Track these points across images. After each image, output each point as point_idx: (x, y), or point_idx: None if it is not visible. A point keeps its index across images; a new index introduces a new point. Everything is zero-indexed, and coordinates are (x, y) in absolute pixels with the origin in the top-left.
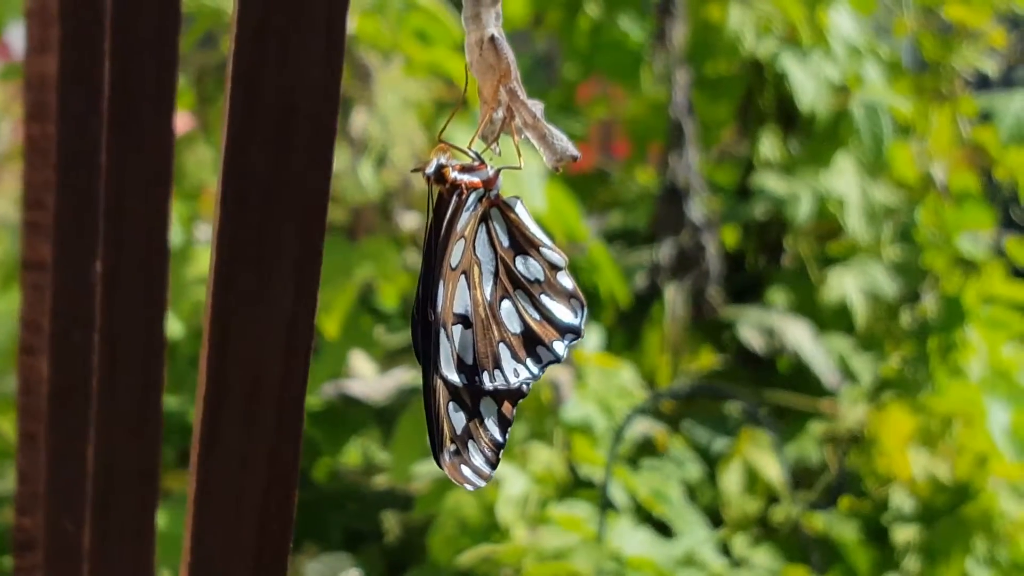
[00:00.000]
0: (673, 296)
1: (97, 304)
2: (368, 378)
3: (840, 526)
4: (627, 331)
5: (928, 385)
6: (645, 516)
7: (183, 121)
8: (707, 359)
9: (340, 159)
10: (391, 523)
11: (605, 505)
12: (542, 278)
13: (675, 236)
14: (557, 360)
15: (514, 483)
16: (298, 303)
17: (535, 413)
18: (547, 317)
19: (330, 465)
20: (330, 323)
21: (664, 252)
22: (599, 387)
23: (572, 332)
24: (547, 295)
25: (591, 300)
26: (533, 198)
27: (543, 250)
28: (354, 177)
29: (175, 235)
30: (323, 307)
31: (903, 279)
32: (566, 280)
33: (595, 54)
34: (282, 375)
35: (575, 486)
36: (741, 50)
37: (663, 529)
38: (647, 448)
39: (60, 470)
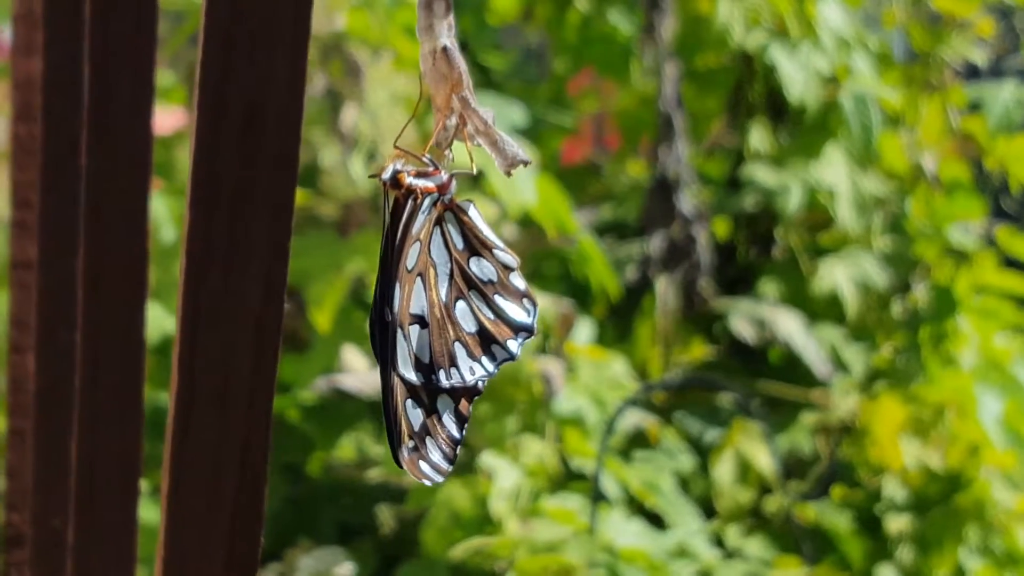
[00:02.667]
0: (664, 288)
1: (79, 303)
2: (361, 372)
3: (832, 516)
4: (618, 324)
5: (920, 375)
6: (637, 508)
7: (175, 117)
8: (698, 351)
9: (330, 154)
10: (385, 517)
11: (597, 497)
12: (495, 279)
13: (666, 228)
14: (512, 358)
15: (506, 476)
16: (266, 302)
17: (527, 406)
18: (501, 316)
19: (324, 459)
20: (322, 318)
21: (655, 244)
22: (591, 380)
23: (525, 331)
24: (500, 295)
25: (582, 292)
26: (524, 192)
27: (496, 252)
28: (344, 172)
29: (167, 232)
30: (315, 302)
31: (894, 269)
32: (518, 280)
33: (585, 48)
34: (251, 372)
35: (567, 479)
36: (730, 42)
37: (655, 521)
38: (639, 440)
39: (47, 467)
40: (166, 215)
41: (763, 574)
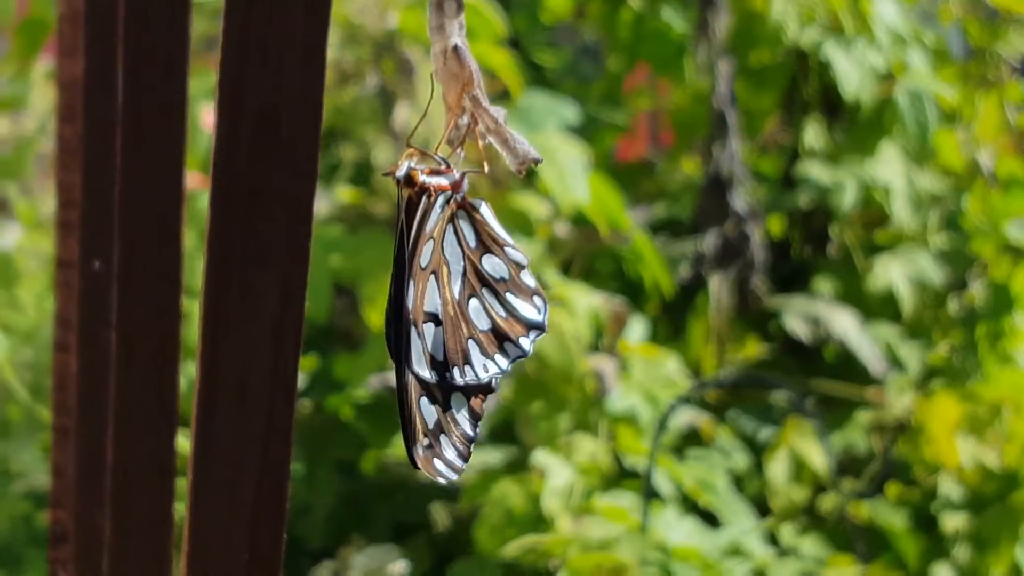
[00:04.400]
0: (718, 286)
1: (114, 302)
2: None
3: (887, 515)
4: (672, 322)
5: (976, 373)
6: (691, 506)
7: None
8: (752, 349)
9: (383, 153)
10: (438, 515)
11: (649, 495)
12: (507, 276)
13: (720, 226)
14: (524, 355)
15: (559, 474)
16: (285, 303)
17: (580, 404)
18: (513, 314)
19: (377, 457)
20: (375, 316)
21: (709, 242)
22: (644, 378)
23: (536, 328)
24: (512, 292)
25: (636, 291)
26: (577, 190)
27: (508, 250)
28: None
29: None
30: (367, 300)
31: (950, 267)
32: (529, 278)
33: (638, 45)
34: (271, 373)
35: (620, 477)
36: (784, 39)
37: (709, 519)
38: (693, 438)
39: (89, 465)
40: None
41: (817, 573)
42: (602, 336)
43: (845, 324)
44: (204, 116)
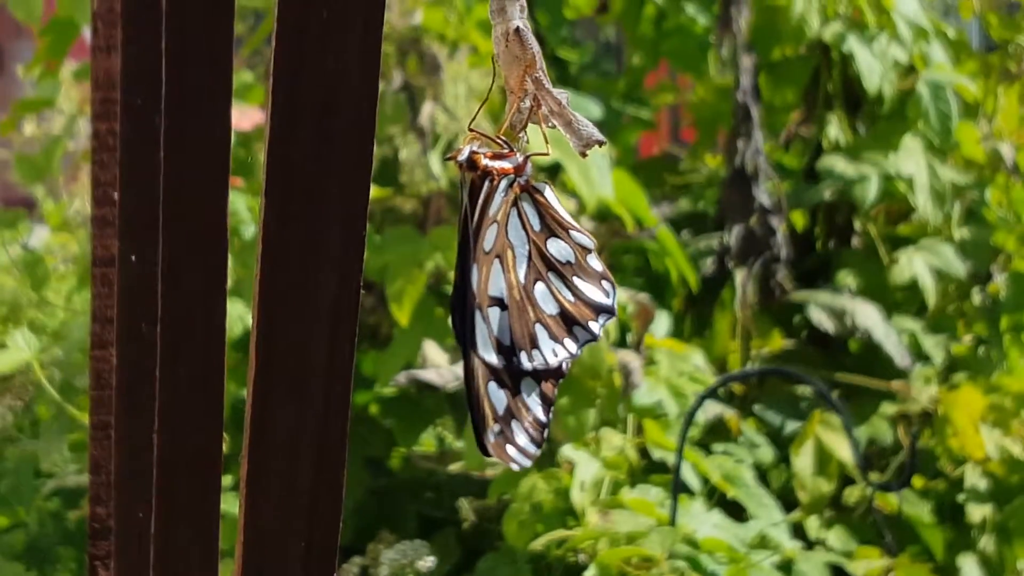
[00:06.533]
0: (743, 280)
1: (159, 297)
2: (441, 366)
3: (914, 506)
4: (697, 316)
5: (1001, 364)
6: (719, 499)
7: (254, 116)
8: (777, 342)
9: (409, 149)
10: (466, 510)
11: (677, 489)
12: (573, 260)
13: (744, 220)
14: (594, 339)
15: (587, 468)
16: (341, 293)
17: (607, 399)
18: (581, 298)
19: (405, 453)
20: (402, 313)
21: (733, 236)
22: (670, 372)
23: (606, 311)
24: (579, 276)
25: (661, 285)
26: (601, 185)
27: (573, 233)
28: (423, 167)
29: (248, 228)
30: (395, 297)
31: (973, 259)
32: (596, 262)
33: (661, 41)
34: (327, 363)
35: (648, 471)
36: (807, 33)
37: (736, 512)
38: (720, 432)
39: (130, 460)
40: (247, 214)
41: (844, 565)
42: (628, 331)
43: (870, 317)
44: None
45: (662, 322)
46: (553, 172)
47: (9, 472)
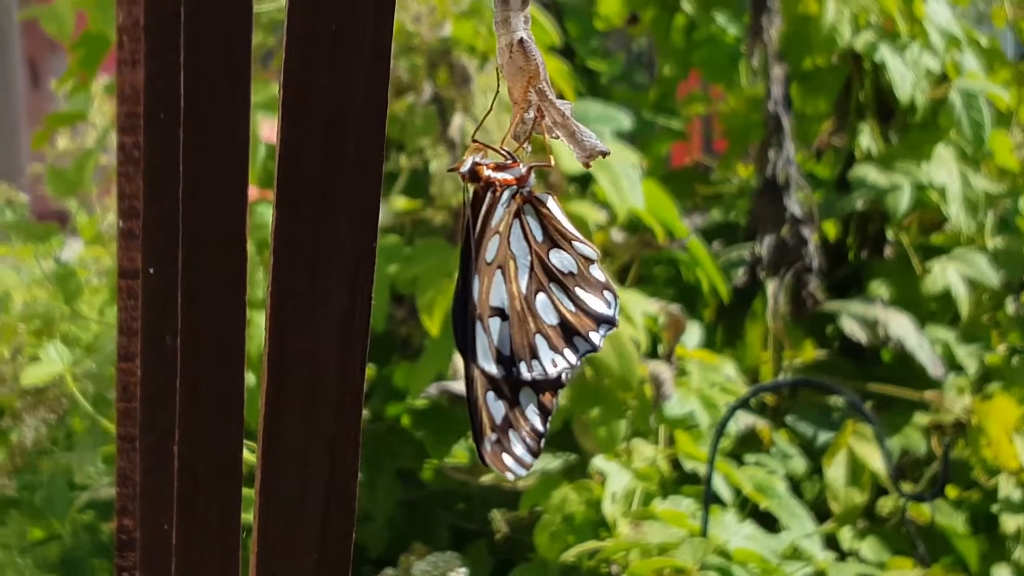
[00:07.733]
0: (774, 290)
1: (179, 309)
2: None
3: (948, 517)
4: (728, 327)
5: None
6: (751, 510)
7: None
8: (810, 352)
9: (439, 161)
10: (498, 521)
11: (708, 500)
12: (575, 271)
13: (775, 230)
14: (594, 350)
15: (618, 479)
16: (352, 301)
17: (638, 410)
18: (582, 308)
19: (437, 465)
20: (433, 323)
21: (764, 246)
22: (701, 383)
23: (607, 322)
24: (581, 287)
25: (692, 296)
26: (632, 196)
27: (575, 243)
28: (453, 179)
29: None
30: (425, 308)
31: (1007, 268)
32: (598, 272)
33: (691, 51)
34: (338, 372)
35: (679, 482)
36: (838, 43)
37: (768, 523)
38: (752, 443)
39: (154, 471)
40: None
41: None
42: (659, 342)
43: (902, 327)
44: (262, 128)
45: (693, 333)
46: (584, 182)
47: (43, 484)
